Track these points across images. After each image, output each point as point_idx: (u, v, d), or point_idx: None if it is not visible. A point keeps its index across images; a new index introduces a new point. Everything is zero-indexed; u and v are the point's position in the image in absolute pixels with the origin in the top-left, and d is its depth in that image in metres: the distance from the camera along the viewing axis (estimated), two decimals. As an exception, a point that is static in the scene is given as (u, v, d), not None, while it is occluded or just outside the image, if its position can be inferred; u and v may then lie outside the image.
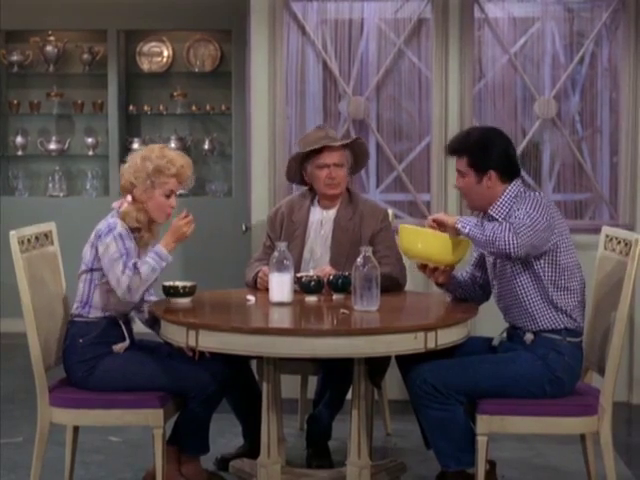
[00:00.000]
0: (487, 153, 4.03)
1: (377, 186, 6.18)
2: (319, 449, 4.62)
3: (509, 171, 4.05)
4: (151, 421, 4.04)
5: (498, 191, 4.03)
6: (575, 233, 5.35)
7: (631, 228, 5.71)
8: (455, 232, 3.95)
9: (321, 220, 4.75)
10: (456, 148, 4.11)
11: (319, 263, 4.64)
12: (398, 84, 6.02)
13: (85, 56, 8.17)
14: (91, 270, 4.21)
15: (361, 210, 4.71)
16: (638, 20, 5.77)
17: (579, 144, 6.06)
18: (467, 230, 3.90)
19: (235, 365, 4.19)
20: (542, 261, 3.95)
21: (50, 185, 8.25)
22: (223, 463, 4.58)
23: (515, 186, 4.05)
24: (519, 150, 5.91)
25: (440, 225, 3.99)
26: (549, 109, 5.90)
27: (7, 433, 5.24)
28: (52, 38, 8.16)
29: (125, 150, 7.53)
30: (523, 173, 5.97)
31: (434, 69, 5.82)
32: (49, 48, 8.16)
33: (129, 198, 4.25)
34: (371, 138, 6.04)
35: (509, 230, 3.84)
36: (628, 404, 5.81)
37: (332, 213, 4.74)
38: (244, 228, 5.83)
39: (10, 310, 7.51)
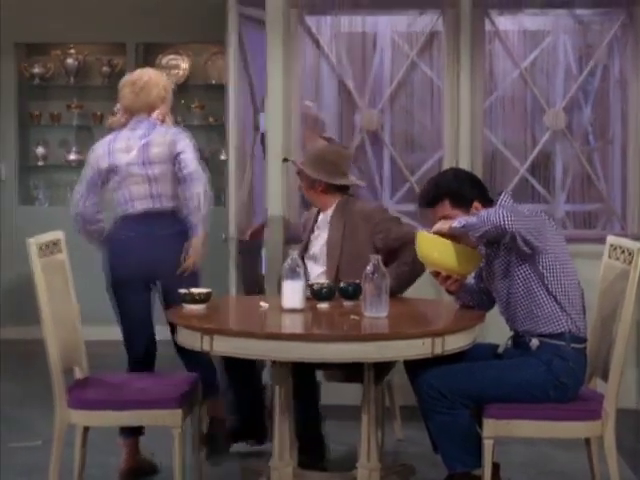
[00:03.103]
0: (463, 188, 4.20)
1: (391, 197, 6.30)
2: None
3: (487, 196, 4.23)
4: (169, 422, 4.16)
5: None
6: (583, 243, 5.50)
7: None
8: (453, 237, 4.06)
9: (319, 224, 4.92)
10: (432, 198, 4.23)
11: (315, 263, 4.82)
12: (411, 96, 6.13)
13: (105, 69, 8.33)
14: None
15: (353, 215, 4.81)
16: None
17: (590, 155, 6.15)
18: (463, 223, 4.01)
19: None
20: (543, 264, 4.05)
21: (70, 195, 8.37)
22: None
23: (506, 198, 4.20)
24: (529, 161, 6.03)
25: (441, 235, 4.11)
26: (558, 121, 6.00)
27: (26, 437, 5.36)
28: (73, 51, 8.33)
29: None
30: (534, 183, 6.10)
31: (445, 82, 5.94)
32: (70, 61, 8.33)
33: (162, 111, 4.86)
34: (384, 149, 6.16)
35: (500, 208, 4.02)
36: (636, 411, 5.89)
37: (327, 217, 4.89)
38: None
39: (27, 318, 7.67)
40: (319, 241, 4.88)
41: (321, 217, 4.92)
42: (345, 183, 4.88)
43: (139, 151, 4.78)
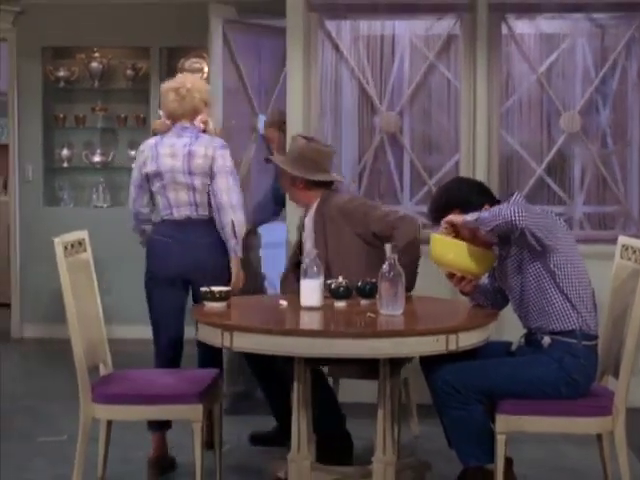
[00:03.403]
0: (471, 194, 4.33)
1: (410, 198, 6.40)
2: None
3: (495, 199, 4.35)
4: (190, 416, 4.28)
5: None
6: (599, 244, 5.59)
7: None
8: (467, 230, 4.16)
9: (306, 223, 5.05)
10: (444, 209, 4.34)
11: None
12: (430, 98, 6.23)
13: (129, 72, 8.46)
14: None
15: (331, 210, 4.91)
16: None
17: (607, 158, 6.22)
18: (476, 217, 4.12)
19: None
20: (555, 263, 4.14)
21: (94, 196, 8.53)
22: (254, 440, 5.11)
23: (518, 195, 4.31)
24: (545, 163, 6.12)
25: (452, 226, 4.21)
26: (574, 123, 6.09)
27: (53, 432, 5.50)
28: (97, 55, 8.46)
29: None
30: (551, 183, 6.18)
31: (463, 85, 6.03)
32: (94, 64, 8.45)
33: (204, 117, 5.07)
34: (404, 151, 6.26)
35: (514, 205, 4.11)
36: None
37: (310, 215, 5.01)
38: None
39: (51, 316, 7.83)
40: (309, 241, 5.00)
41: (307, 216, 5.05)
42: (324, 179, 4.96)
43: (183, 160, 4.95)
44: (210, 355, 4.83)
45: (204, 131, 5.09)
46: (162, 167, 4.96)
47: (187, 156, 4.94)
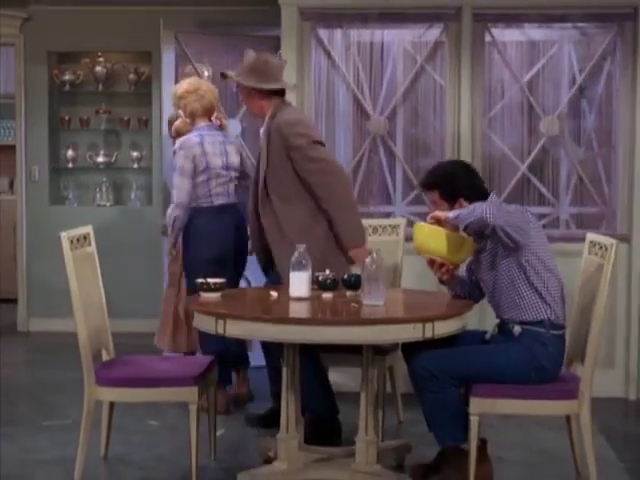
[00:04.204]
0: (454, 186, 4.62)
1: (402, 199, 6.68)
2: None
3: (477, 197, 4.60)
4: (187, 397, 4.60)
5: None
6: (571, 242, 5.90)
7: (629, 239, 6.21)
8: (450, 225, 4.47)
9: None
10: (426, 183, 4.72)
11: None
12: (420, 101, 6.50)
13: (131, 76, 8.70)
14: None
15: (274, 125, 5.17)
16: (635, 45, 6.24)
17: (592, 160, 6.47)
18: (456, 214, 4.43)
19: None
20: (526, 258, 4.46)
21: (98, 195, 8.76)
22: (251, 422, 5.51)
23: (493, 198, 4.62)
24: (525, 165, 6.42)
25: (437, 221, 4.52)
26: (553, 127, 6.39)
27: (57, 417, 5.80)
28: (101, 59, 8.68)
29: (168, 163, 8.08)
30: (541, 188, 6.48)
31: (448, 90, 6.33)
32: (98, 68, 8.68)
33: (218, 114, 6.12)
34: (390, 155, 6.56)
35: (488, 204, 4.44)
36: (625, 400, 6.27)
37: (265, 125, 5.28)
38: None
39: (56, 311, 8.12)
40: (261, 152, 5.26)
41: (263, 127, 5.31)
42: (273, 87, 5.20)
43: (222, 156, 5.87)
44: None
45: (220, 127, 6.04)
46: (210, 163, 5.80)
47: (225, 154, 5.88)
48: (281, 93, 5.27)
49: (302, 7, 6.30)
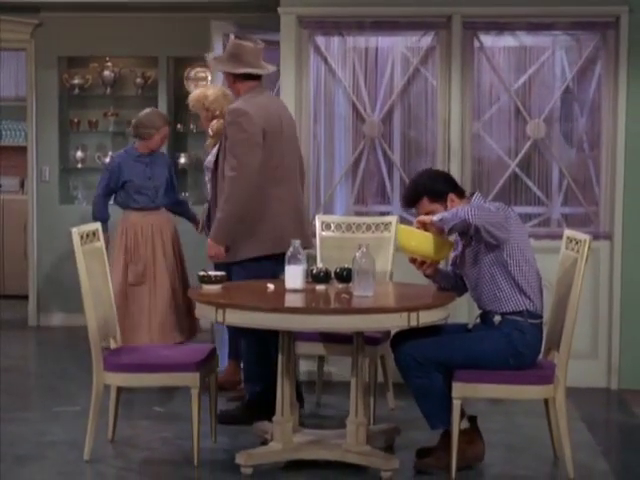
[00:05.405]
0: (436, 185, 4.93)
1: (399, 199, 6.94)
2: None
3: (460, 189, 4.95)
4: (189, 382, 4.92)
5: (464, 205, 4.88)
6: (555, 239, 6.18)
7: (611, 237, 6.51)
8: (435, 227, 4.77)
9: None
10: (412, 198, 4.99)
11: None
12: (414, 104, 6.79)
13: (138, 80, 8.94)
14: None
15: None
16: (617, 54, 6.55)
17: (583, 162, 6.75)
18: (440, 217, 4.73)
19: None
20: (507, 252, 4.77)
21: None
22: (222, 419, 5.52)
23: (477, 198, 4.91)
24: (514, 164, 6.71)
25: (423, 225, 4.83)
26: (539, 130, 6.69)
27: (67, 404, 6.11)
28: (109, 64, 8.93)
29: (173, 164, 8.33)
30: (527, 182, 6.76)
31: (439, 96, 6.63)
32: (106, 73, 8.93)
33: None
34: (391, 156, 6.83)
35: (469, 206, 4.74)
36: (607, 389, 6.58)
37: None
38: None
39: (66, 306, 8.43)
40: None
41: None
42: (247, 71, 5.45)
43: None
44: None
45: None
46: None
47: None
48: (257, 77, 5.52)
49: (301, 15, 6.62)
